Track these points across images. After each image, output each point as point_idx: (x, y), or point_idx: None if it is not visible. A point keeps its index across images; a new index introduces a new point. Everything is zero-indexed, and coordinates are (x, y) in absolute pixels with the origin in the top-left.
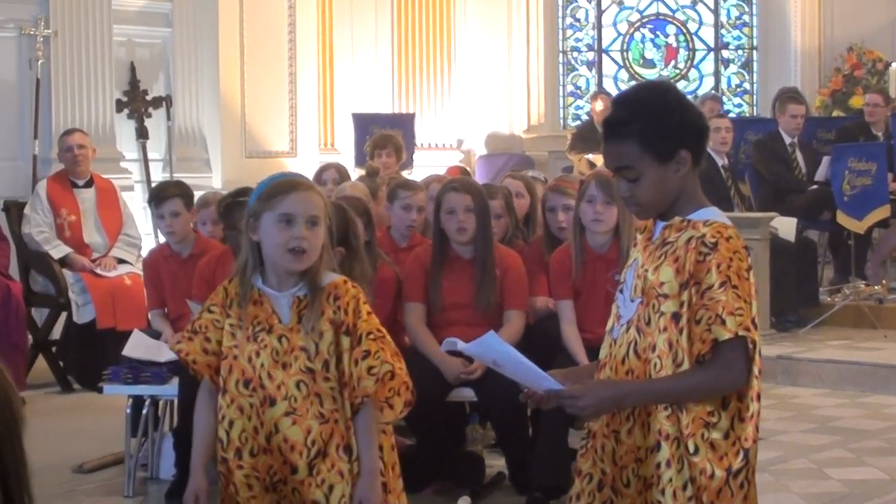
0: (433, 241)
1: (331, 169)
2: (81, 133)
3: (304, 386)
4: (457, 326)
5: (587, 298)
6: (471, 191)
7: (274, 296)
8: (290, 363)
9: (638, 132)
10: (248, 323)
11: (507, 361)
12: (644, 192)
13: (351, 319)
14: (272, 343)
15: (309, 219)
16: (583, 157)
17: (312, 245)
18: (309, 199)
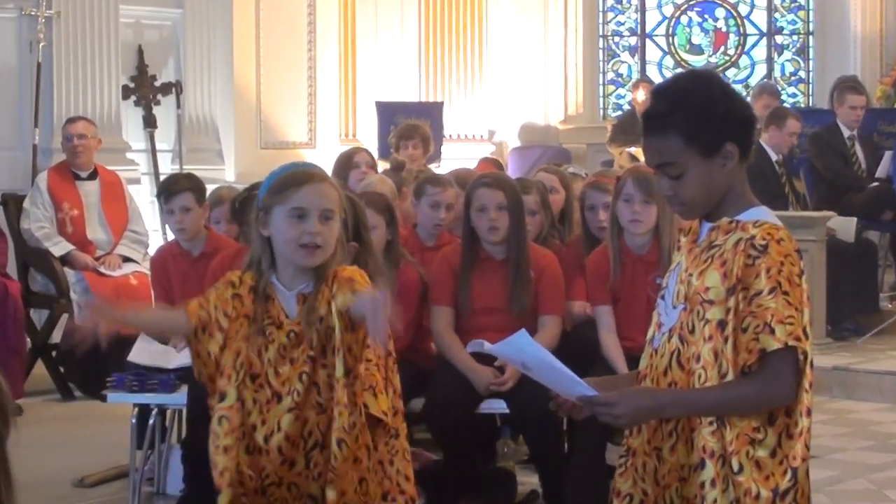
0: (462, 241)
1: (362, 152)
2: (85, 121)
3: (306, 376)
4: (487, 332)
5: (627, 303)
6: (503, 187)
7: (283, 294)
8: (297, 357)
9: (680, 125)
10: (259, 316)
11: (538, 364)
12: (688, 189)
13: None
14: (280, 338)
15: (322, 212)
16: (624, 150)
17: (326, 240)
18: (322, 191)
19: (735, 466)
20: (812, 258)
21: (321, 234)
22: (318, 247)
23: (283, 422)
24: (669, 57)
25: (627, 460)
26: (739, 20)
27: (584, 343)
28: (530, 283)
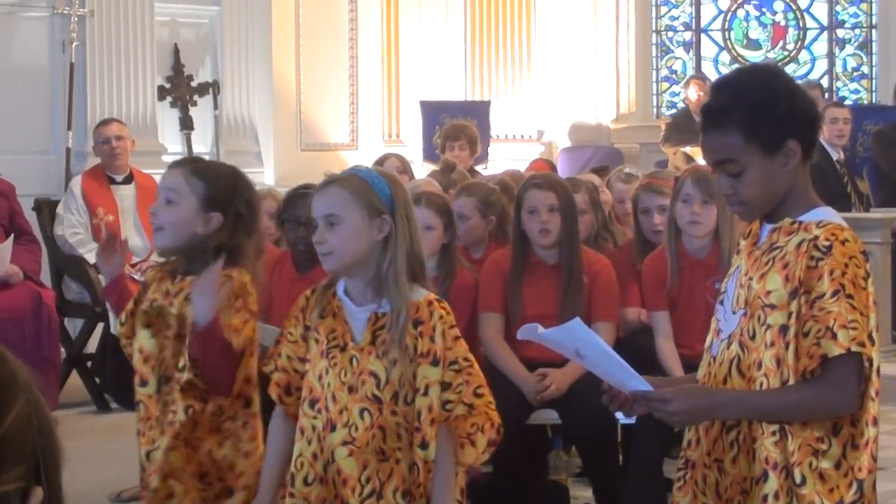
0: (513, 245)
1: (392, 157)
2: (119, 123)
3: (368, 415)
4: None
5: (684, 309)
6: (555, 188)
7: (350, 309)
8: (357, 387)
9: (741, 120)
10: (323, 336)
11: (593, 352)
12: (748, 188)
13: (436, 347)
14: (343, 362)
15: (325, 219)
16: (679, 149)
17: (333, 246)
18: (322, 197)
19: (798, 478)
20: (877, 261)
21: (325, 241)
22: (324, 254)
23: (336, 454)
24: (725, 52)
25: (686, 473)
26: (799, 13)
27: (639, 351)
28: (583, 289)
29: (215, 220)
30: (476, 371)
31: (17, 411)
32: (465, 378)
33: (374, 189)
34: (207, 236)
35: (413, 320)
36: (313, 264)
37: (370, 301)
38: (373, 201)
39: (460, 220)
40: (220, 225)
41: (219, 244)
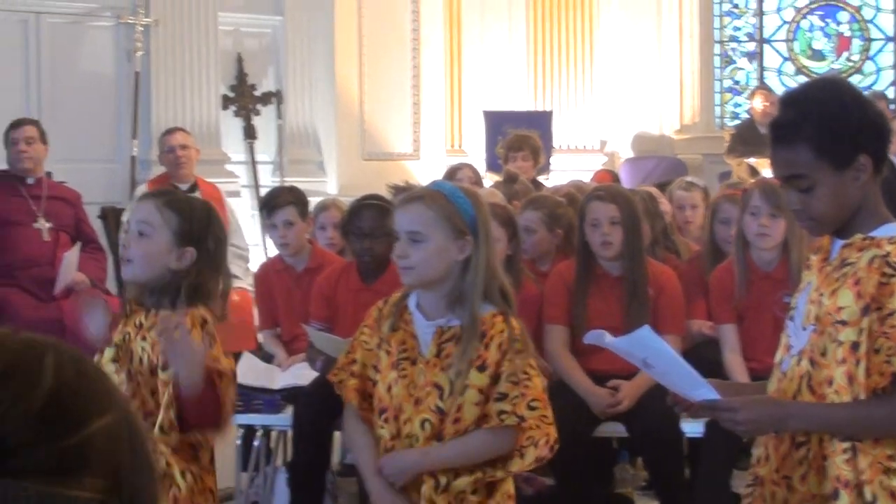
0: (577, 257)
1: (465, 168)
2: (184, 132)
3: (429, 426)
4: (604, 352)
5: (752, 322)
6: (617, 200)
7: (419, 324)
8: (422, 399)
9: (811, 136)
10: (394, 348)
11: (661, 361)
12: (818, 203)
13: (492, 357)
14: (412, 375)
15: (408, 235)
16: (743, 161)
17: (415, 261)
18: (407, 213)
19: (868, 496)
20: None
21: (407, 256)
22: (410, 269)
23: None
24: (789, 63)
25: (755, 489)
26: (863, 24)
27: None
28: (648, 301)
29: (188, 255)
30: (534, 385)
31: (106, 424)
32: (521, 391)
33: (459, 210)
34: (179, 271)
35: (480, 333)
36: (378, 275)
37: (441, 315)
38: (457, 222)
39: (527, 234)
40: (192, 260)
41: (189, 281)
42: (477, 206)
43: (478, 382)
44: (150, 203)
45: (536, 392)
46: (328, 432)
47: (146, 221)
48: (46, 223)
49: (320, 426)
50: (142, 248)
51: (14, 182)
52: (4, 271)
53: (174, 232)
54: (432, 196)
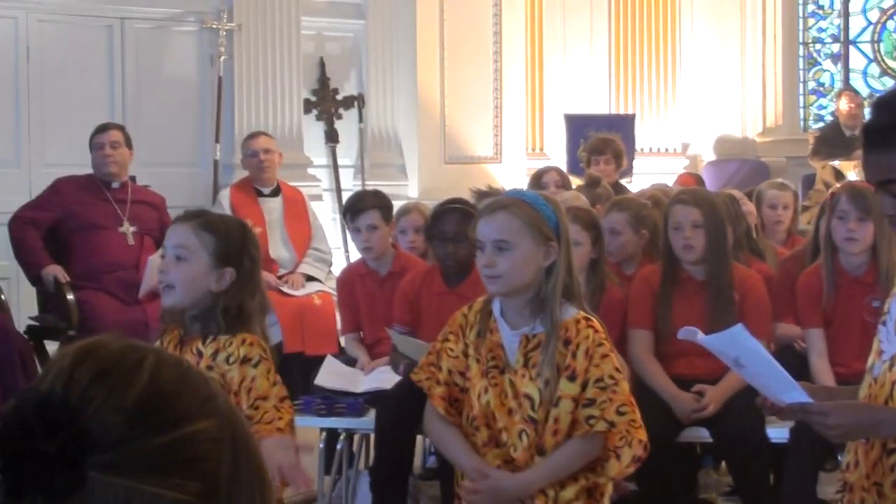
0: (662, 261)
1: (552, 171)
2: (267, 136)
3: (526, 437)
4: (688, 357)
5: (840, 327)
6: (699, 203)
7: (504, 332)
8: (515, 410)
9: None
10: (483, 356)
11: (753, 361)
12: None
13: (580, 364)
14: (502, 383)
15: (494, 244)
16: (827, 164)
17: (502, 270)
18: (493, 222)
19: None
20: None
21: (494, 265)
22: (497, 277)
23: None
24: (875, 65)
25: (844, 496)
26: None
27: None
28: (733, 306)
29: (228, 275)
30: (622, 389)
31: (205, 428)
32: (610, 395)
33: (543, 216)
34: (220, 293)
35: (563, 339)
36: (462, 278)
37: (525, 322)
38: (543, 229)
39: (612, 236)
40: (231, 280)
41: (228, 303)
42: (558, 211)
43: (570, 392)
44: (186, 226)
45: (624, 396)
46: (411, 436)
47: (183, 245)
48: (131, 227)
49: (403, 430)
50: (181, 272)
51: (99, 186)
52: (90, 275)
53: (212, 253)
54: (516, 204)
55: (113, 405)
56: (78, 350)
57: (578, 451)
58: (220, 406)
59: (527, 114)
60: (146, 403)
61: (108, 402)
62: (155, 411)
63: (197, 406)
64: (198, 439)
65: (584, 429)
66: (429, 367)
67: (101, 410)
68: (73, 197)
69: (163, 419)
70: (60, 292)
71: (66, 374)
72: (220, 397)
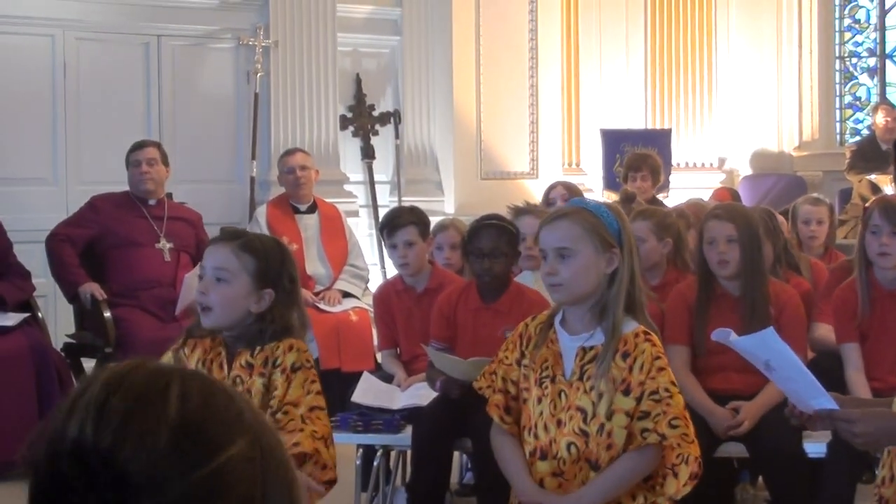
0: (698, 276)
1: (558, 186)
2: (303, 153)
3: (575, 449)
4: (724, 372)
5: (875, 341)
6: (734, 218)
7: (564, 342)
8: (565, 422)
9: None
10: (538, 366)
11: (783, 365)
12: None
13: (636, 378)
14: (553, 394)
15: (557, 251)
16: (864, 178)
17: (565, 278)
18: (555, 229)
19: None
20: None
21: (557, 272)
22: (559, 285)
23: (546, 483)
24: None
25: None
26: None
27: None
28: (769, 321)
29: (268, 296)
30: (676, 402)
31: (238, 452)
32: (664, 408)
33: (605, 223)
34: (260, 314)
35: (622, 353)
36: (498, 294)
37: (585, 328)
38: (604, 235)
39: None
40: (271, 301)
41: (270, 322)
42: (621, 219)
43: (625, 406)
44: (226, 247)
45: (678, 410)
46: (447, 452)
47: (223, 267)
48: (168, 244)
49: (440, 446)
50: (221, 294)
51: (136, 203)
52: (127, 291)
53: (252, 275)
54: (577, 212)
55: (147, 447)
56: (103, 386)
57: (631, 466)
58: (248, 421)
59: (563, 129)
60: (180, 439)
61: (142, 444)
62: (190, 446)
63: (227, 429)
64: (232, 464)
65: (637, 441)
66: (490, 376)
67: (137, 453)
68: (109, 214)
69: (198, 453)
70: (97, 310)
71: (94, 414)
72: (245, 412)
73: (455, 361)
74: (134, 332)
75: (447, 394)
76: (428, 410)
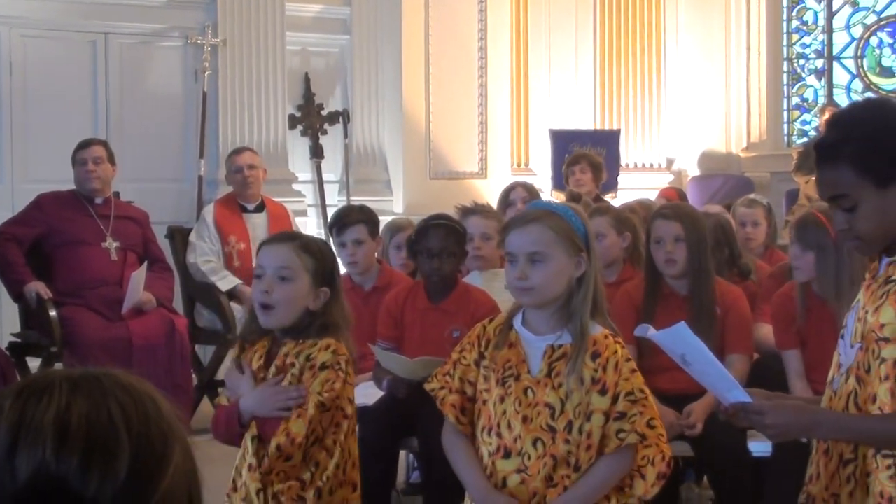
0: (644, 275)
1: (518, 188)
2: (251, 152)
3: (542, 445)
4: (670, 372)
5: (814, 347)
6: (681, 218)
7: (528, 340)
8: (532, 418)
9: (852, 155)
10: (499, 366)
11: (698, 359)
12: (862, 222)
13: (611, 378)
14: (517, 392)
15: (529, 256)
16: (811, 179)
17: (537, 282)
18: (527, 233)
19: None
20: None
21: (528, 277)
22: (530, 289)
23: (509, 480)
24: (858, 80)
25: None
26: None
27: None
28: (715, 321)
29: (324, 295)
30: (650, 403)
31: (175, 463)
32: (640, 409)
33: (574, 227)
34: (315, 312)
35: (591, 353)
36: (446, 294)
37: (550, 331)
38: (574, 239)
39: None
40: (326, 300)
41: (322, 319)
42: (586, 222)
43: (601, 406)
44: (288, 247)
45: (653, 411)
46: (394, 451)
47: (288, 266)
48: (114, 243)
49: (386, 445)
50: (285, 292)
51: (82, 202)
52: (73, 290)
53: (312, 274)
54: (548, 215)
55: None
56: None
57: (607, 469)
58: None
59: (512, 129)
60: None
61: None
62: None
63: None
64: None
65: (614, 443)
66: (443, 377)
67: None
68: (56, 213)
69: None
70: (43, 309)
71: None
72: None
73: (402, 361)
74: (80, 332)
75: (394, 393)
76: (375, 409)
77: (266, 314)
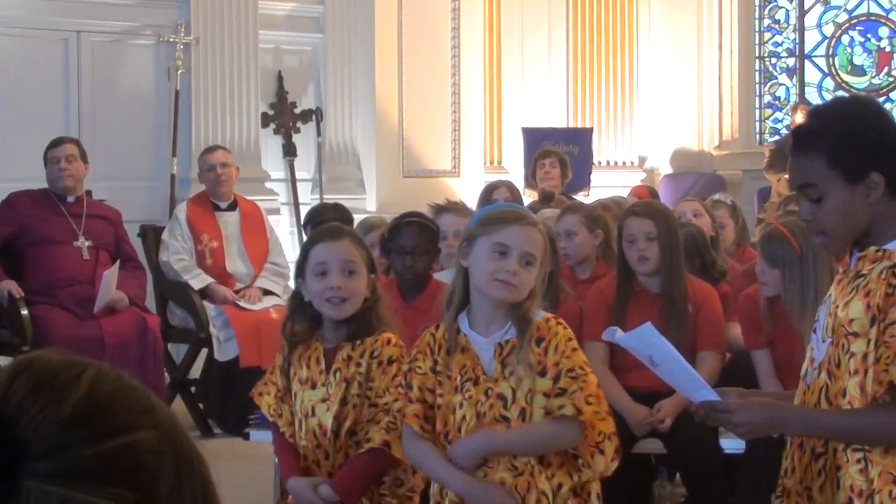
0: (617, 274)
1: (502, 187)
2: (224, 150)
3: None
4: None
5: (783, 346)
6: (653, 216)
7: (478, 343)
8: (486, 412)
9: (827, 146)
10: (455, 373)
11: (664, 359)
12: (827, 216)
13: (551, 359)
14: (478, 394)
15: (523, 255)
16: (782, 176)
17: (522, 282)
18: (529, 234)
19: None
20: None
21: (518, 274)
22: (515, 286)
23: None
24: (830, 79)
25: (783, 501)
26: None
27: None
28: (687, 318)
29: (372, 282)
30: (591, 381)
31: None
32: (580, 385)
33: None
34: (368, 299)
35: (536, 338)
36: (419, 292)
37: (498, 328)
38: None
39: (567, 238)
40: (373, 286)
41: (375, 305)
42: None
43: (542, 387)
44: (348, 241)
45: (593, 388)
46: None
47: (352, 259)
48: (86, 241)
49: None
50: (355, 285)
51: (54, 201)
52: (45, 289)
53: (367, 264)
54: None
55: (48, 416)
56: (16, 363)
57: (548, 429)
58: (161, 418)
59: (485, 127)
60: (82, 414)
61: (43, 412)
62: (91, 421)
63: (135, 417)
64: (136, 450)
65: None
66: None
67: (36, 420)
68: (27, 211)
69: (99, 429)
70: (14, 308)
71: (2, 387)
72: (161, 410)
73: None
74: (51, 330)
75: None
76: None
77: (338, 308)
